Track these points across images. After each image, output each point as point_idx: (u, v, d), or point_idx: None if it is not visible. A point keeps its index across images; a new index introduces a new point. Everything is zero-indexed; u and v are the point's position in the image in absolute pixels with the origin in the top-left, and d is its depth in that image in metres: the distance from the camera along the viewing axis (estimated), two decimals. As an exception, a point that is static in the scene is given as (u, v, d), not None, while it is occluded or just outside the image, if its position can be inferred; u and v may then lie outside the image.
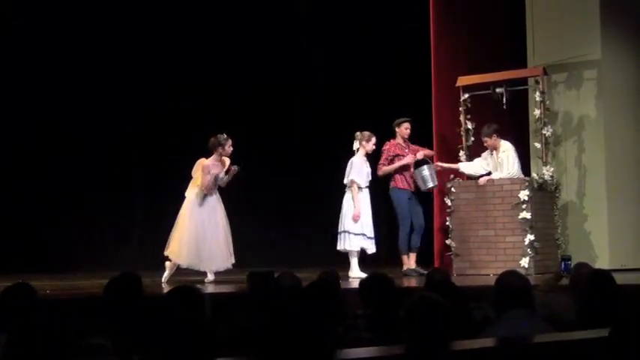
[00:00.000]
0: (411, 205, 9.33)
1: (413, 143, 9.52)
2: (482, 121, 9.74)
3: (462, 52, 10.21)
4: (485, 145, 9.35)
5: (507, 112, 9.60)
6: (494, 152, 9.25)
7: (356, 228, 8.91)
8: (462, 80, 9.71)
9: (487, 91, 9.54)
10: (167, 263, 8.66)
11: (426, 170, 9.15)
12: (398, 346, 3.43)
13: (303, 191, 11.60)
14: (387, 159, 9.35)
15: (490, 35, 10.20)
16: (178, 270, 8.76)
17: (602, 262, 8.76)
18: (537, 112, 9.33)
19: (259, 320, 4.37)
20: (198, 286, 6.92)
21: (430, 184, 9.20)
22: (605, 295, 4.19)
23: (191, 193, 8.77)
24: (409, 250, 9.29)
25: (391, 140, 9.40)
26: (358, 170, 8.95)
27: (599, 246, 9.30)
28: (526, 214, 8.87)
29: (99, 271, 9.72)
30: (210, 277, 8.64)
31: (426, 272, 7.00)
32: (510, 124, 9.99)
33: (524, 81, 9.70)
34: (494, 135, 9.19)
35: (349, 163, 9.00)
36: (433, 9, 10.24)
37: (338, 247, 9.01)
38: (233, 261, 8.74)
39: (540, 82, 9.31)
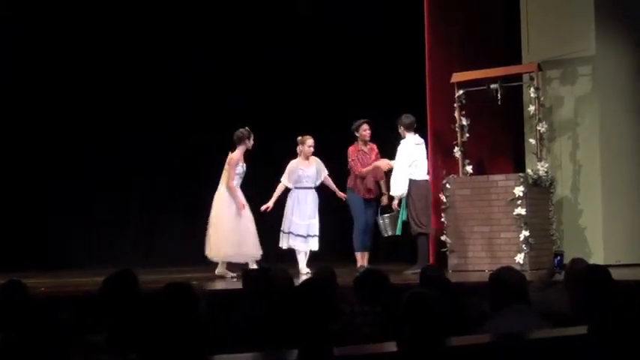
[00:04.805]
0: (364, 205, 9.31)
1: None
2: (477, 118, 9.76)
3: (457, 48, 10.20)
4: None
5: (502, 109, 9.62)
6: None
7: (296, 228, 9.08)
8: (457, 76, 9.70)
9: (482, 88, 9.53)
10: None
11: (385, 219, 9.18)
12: (394, 343, 3.43)
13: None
14: (352, 161, 9.29)
15: (485, 31, 10.20)
16: (182, 266, 8.73)
17: (597, 258, 8.75)
18: (532, 108, 9.34)
19: (255, 317, 4.37)
20: (195, 283, 6.91)
21: (388, 233, 9.21)
22: (602, 290, 4.19)
23: (222, 188, 8.80)
24: (363, 249, 9.27)
25: (352, 145, 9.35)
26: (289, 172, 9.15)
27: (594, 242, 9.29)
28: (521, 210, 8.88)
29: (93, 268, 9.72)
30: (229, 272, 8.61)
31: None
32: (505, 120, 10.01)
33: (518, 77, 9.70)
34: (401, 127, 9.18)
35: None
36: (427, 4, 10.22)
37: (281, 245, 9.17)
38: (261, 251, 8.78)
39: (535, 78, 9.31)
